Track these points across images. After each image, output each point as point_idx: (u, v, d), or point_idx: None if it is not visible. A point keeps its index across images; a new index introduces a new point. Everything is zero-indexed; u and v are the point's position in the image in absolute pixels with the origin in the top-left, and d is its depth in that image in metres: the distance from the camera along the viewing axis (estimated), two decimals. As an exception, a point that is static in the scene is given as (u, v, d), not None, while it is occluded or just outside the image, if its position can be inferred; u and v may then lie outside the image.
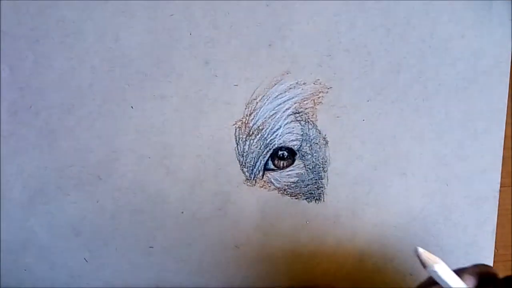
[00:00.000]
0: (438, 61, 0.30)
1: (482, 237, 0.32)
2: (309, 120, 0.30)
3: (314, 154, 0.31)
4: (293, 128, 0.30)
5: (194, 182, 0.30)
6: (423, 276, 0.32)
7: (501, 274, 0.31)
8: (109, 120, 0.30)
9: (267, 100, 0.30)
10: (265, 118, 0.30)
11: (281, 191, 0.31)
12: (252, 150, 0.30)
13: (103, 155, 0.30)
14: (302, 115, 0.30)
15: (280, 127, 0.30)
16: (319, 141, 0.31)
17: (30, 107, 0.30)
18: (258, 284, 0.31)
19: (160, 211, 0.31)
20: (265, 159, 0.31)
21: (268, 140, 0.30)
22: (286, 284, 0.31)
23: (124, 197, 0.30)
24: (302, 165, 0.31)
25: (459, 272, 0.22)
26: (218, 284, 0.31)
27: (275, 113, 0.30)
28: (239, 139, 0.30)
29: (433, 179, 0.31)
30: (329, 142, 0.31)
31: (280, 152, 0.31)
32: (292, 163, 0.31)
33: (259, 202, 0.31)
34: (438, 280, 0.22)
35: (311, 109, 0.30)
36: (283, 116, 0.30)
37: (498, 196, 0.31)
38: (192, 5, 0.29)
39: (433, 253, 0.31)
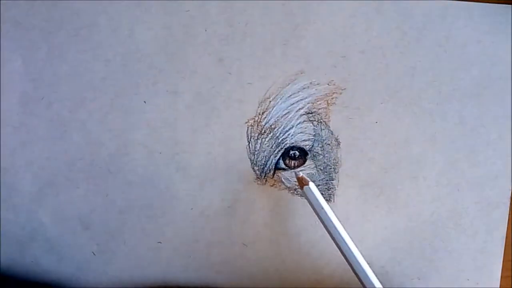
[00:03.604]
0: (453, 66, 0.32)
1: (492, 243, 0.33)
2: (321, 120, 0.32)
3: (326, 155, 0.32)
4: (305, 128, 0.32)
5: (204, 179, 0.32)
6: (431, 280, 0.33)
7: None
8: (121, 114, 0.31)
9: (280, 99, 0.32)
10: (277, 117, 0.32)
11: (291, 191, 0.32)
12: (264, 149, 0.32)
13: (114, 149, 0.31)
14: (315, 115, 0.32)
15: (293, 126, 0.32)
16: (331, 142, 0.32)
17: (42, 98, 0.31)
18: (265, 282, 0.33)
19: (169, 207, 0.32)
20: (276, 158, 0.32)
21: (280, 139, 0.32)
22: (293, 284, 0.33)
23: (134, 191, 0.32)
24: (313, 166, 0.32)
25: None
26: (225, 281, 0.33)
27: (288, 112, 0.32)
28: (250, 138, 0.32)
29: (444, 184, 0.33)
30: (341, 143, 0.32)
31: (291, 152, 0.32)
32: (303, 163, 0.32)
33: (269, 201, 0.32)
34: (310, 198, 0.30)
35: (324, 110, 0.32)
36: (295, 116, 0.32)
37: (509, 202, 0.33)
38: (208, 2, 0.31)
39: (442, 258, 0.33)
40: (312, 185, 0.30)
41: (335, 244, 0.29)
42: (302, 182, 0.30)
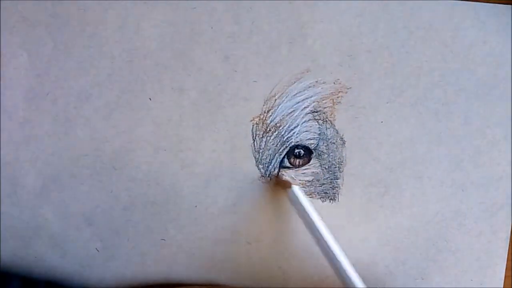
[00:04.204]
0: (459, 66, 0.32)
1: (496, 244, 0.33)
2: (327, 119, 0.32)
3: (331, 154, 0.32)
4: (310, 126, 0.32)
5: (208, 177, 0.32)
6: (434, 280, 0.33)
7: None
8: (126, 111, 0.31)
9: (285, 98, 0.32)
10: (283, 115, 0.32)
11: (295, 189, 0.32)
12: (269, 147, 0.32)
13: (119, 146, 0.32)
14: (320, 114, 0.32)
15: (298, 125, 0.32)
16: (336, 141, 0.32)
17: (47, 94, 0.31)
18: (269, 281, 0.33)
19: (173, 204, 0.32)
20: (281, 156, 0.32)
21: (285, 137, 0.32)
22: (296, 282, 0.33)
23: (138, 188, 0.32)
24: (318, 164, 0.32)
25: None
26: (229, 279, 0.33)
27: (293, 111, 0.32)
28: (255, 136, 0.32)
29: (449, 184, 0.33)
30: (346, 142, 0.32)
31: (296, 150, 0.32)
32: (308, 161, 0.32)
33: (273, 200, 0.32)
34: (294, 200, 0.30)
35: (330, 109, 0.32)
36: (301, 114, 0.32)
37: (513, 203, 0.33)
38: (215, 0, 0.31)
39: (446, 258, 0.33)
40: (295, 188, 0.30)
41: (320, 249, 0.29)
42: (285, 185, 0.31)
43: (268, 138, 0.32)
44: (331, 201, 0.33)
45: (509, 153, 0.33)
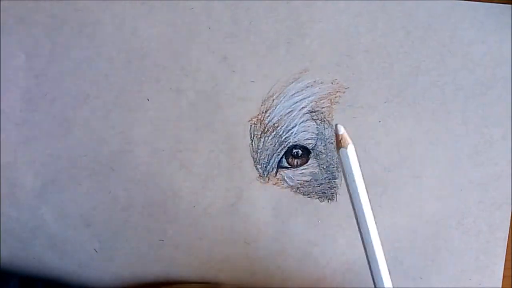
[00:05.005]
0: (457, 66, 0.32)
1: (494, 243, 0.33)
2: (325, 119, 0.32)
3: (329, 154, 0.32)
4: (308, 126, 0.32)
5: (207, 177, 0.32)
6: (432, 280, 0.33)
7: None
8: (124, 112, 0.32)
9: (283, 98, 0.32)
10: (281, 115, 0.32)
11: (294, 189, 0.32)
12: (267, 147, 0.32)
13: (117, 146, 0.32)
14: (318, 114, 0.32)
15: (296, 125, 0.32)
16: (334, 141, 0.32)
17: (45, 95, 0.31)
18: (267, 281, 0.33)
19: (172, 205, 0.32)
20: (279, 156, 0.32)
21: (283, 137, 0.32)
22: (295, 282, 0.33)
23: (137, 189, 0.32)
24: (316, 164, 0.32)
25: None
26: (227, 280, 0.33)
27: (291, 111, 0.32)
28: (253, 136, 0.32)
29: (447, 184, 0.33)
30: (344, 142, 0.32)
31: (294, 150, 0.32)
32: (306, 161, 0.32)
33: (272, 200, 0.32)
34: (343, 162, 0.24)
35: (328, 109, 0.32)
36: (299, 115, 0.32)
37: (511, 202, 0.33)
38: (212, 0, 0.31)
39: (444, 258, 0.33)
40: (350, 148, 0.24)
41: (356, 220, 0.26)
42: (340, 143, 0.24)
43: (266, 138, 0.32)
44: (329, 201, 0.33)
45: (508, 153, 0.33)
